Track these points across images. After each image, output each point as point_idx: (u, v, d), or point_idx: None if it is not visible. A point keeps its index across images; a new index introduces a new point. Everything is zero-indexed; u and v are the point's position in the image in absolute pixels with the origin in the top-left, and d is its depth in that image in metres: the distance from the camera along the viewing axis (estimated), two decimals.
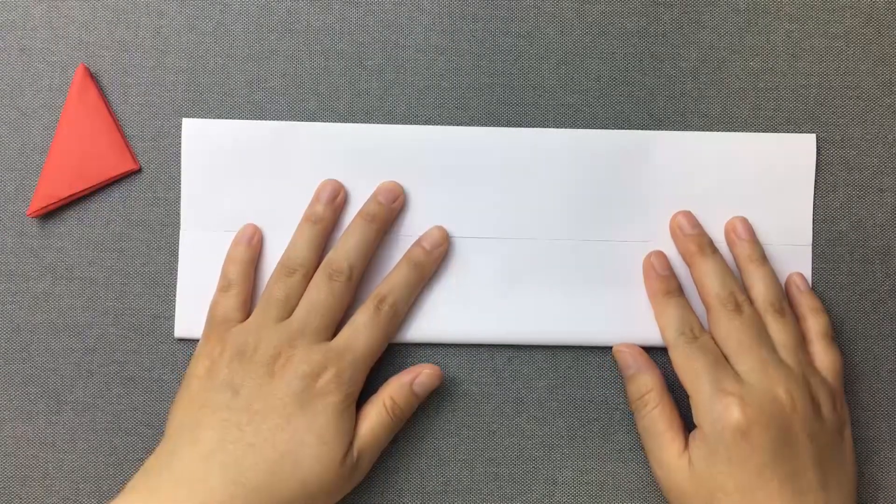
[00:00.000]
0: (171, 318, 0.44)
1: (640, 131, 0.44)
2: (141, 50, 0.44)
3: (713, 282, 0.41)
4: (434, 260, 0.43)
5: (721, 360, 0.40)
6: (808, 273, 0.44)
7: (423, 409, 0.43)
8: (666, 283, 0.42)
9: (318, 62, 0.44)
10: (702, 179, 0.44)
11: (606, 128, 0.44)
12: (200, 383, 0.40)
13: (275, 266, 0.42)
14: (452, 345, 0.44)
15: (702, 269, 0.42)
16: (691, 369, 0.40)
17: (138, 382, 0.44)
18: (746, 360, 0.40)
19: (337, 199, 0.43)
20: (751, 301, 0.42)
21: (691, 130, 0.44)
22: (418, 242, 0.43)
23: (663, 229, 0.44)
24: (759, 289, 0.42)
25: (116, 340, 0.44)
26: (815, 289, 0.44)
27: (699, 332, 0.41)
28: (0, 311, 0.44)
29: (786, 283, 0.43)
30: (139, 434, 0.43)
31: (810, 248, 0.44)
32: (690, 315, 0.42)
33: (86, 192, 0.43)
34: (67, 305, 0.44)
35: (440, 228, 0.43)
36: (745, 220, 0.43)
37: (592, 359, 0.44)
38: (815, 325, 0.42)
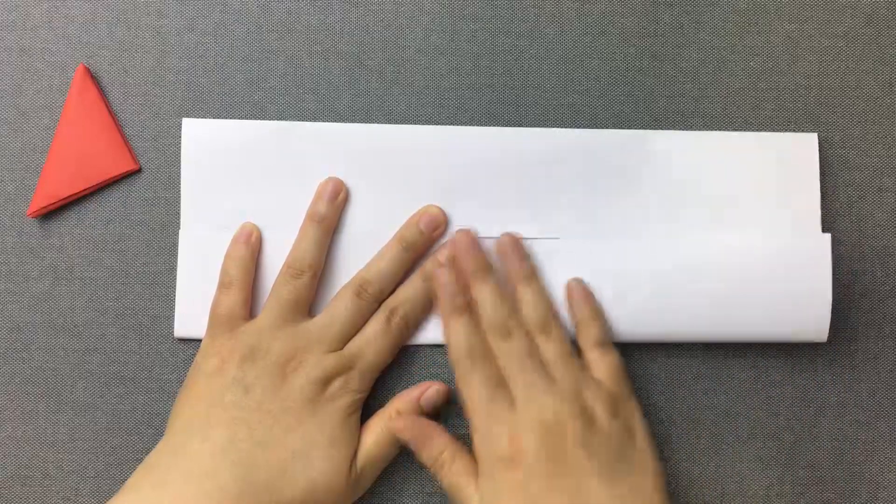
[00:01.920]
0: (171, 318, 0.44)
1: (640, 131, 0.44)
2: (141, 50, 0.44)
3: (485, 309, 0.41)
4: None
5: (496, 386, 0.40)
6: (827, 265, 0.42)
7: None
8: (451, 299, 0.41)
9: (318, 62, 0.44)
10: (702, 179, 0.44)
11: (606, 128, 0.44)
12: (209, 381, 0.40)
13: (277, 265, 0.42)
14: None
15: (477, 294, 0.41)
16: (469, 397, 0.40)
17: (138, 382, 0.44)
18: (515, 387, 0.40)
19: (339, 197, 0.43)
20: (522, 326, 0.41)
21: (691, 130, 0.44)
22: (434, 255, 0.43)
23: (663, 229, 0.43)
24: (526, 310, 0.41)
25: (116, 340, 0.44)
26: None
27: (479, 354, 0.40)
28: (0, 311, 0.44)
29: (566, 289, 0.43)
30: (139, 434, 0.43)
31: (829, 237, 0.42)
32: (474, 335, 0.41)
33: (86, 192, 0.43)
34: (67, 305, 0.44)
35: (459, 240, 0.43)
36: (512, 237, 0.42)
37: None
38: (589, 334, 0.42)
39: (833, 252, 0.44)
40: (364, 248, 0.43)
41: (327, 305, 0.42)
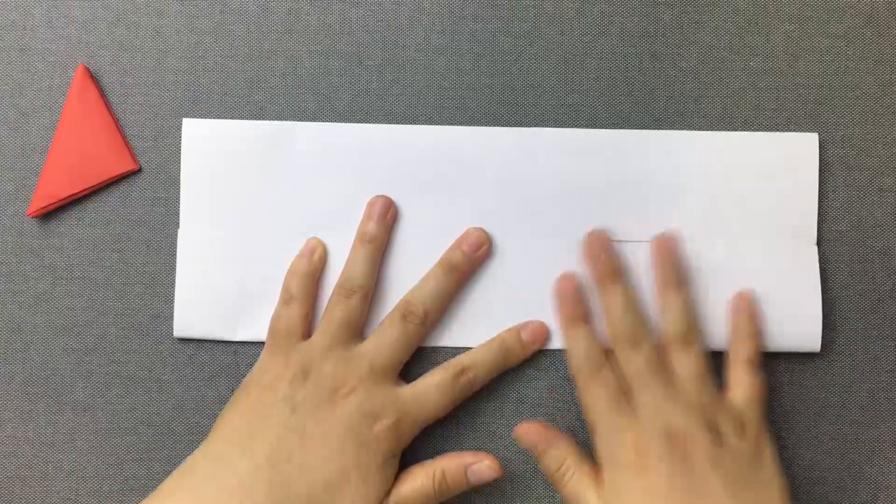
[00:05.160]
0: (171, 318, 0.44)
1: (640, 131, 0.44)
2: (141, 50, 0.44)
3: (615, 316, 0.41)
4: (524, 348, 0.42)
5: (618, 395, 0.40)
6: (815, 273, 0.43)
7: None
8: (571, 309, 0.42)
9: (318, 62, 0.44)
10: (702, 179, 0.44)
11: (606, 128, 0.44)
12: (259, 394, 0.40)
13: (275, 266, 0.43)
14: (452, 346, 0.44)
15: (607, 299, 0.42)
16: (590, 405, 0.40)
17: (138, 382, 0.44)
18: (642, 395, 0.40)
19: (388, 215, 0.43)
20: (651, 334, 0.41)
21: (691, 130, 0.44)
22: (514, 327, 0.42)
23: (663, 229, 0.43)
24: (669, 318, 0.41)
25: (116, 340, 0.44)
26: None
27: (600, 364, 0.41)
28: (0, 311, 0.44)
29: (734, 299, 0.43)
30: (139, 434, 0.44)
31: (815, 249, 0.43)
32: (593, 345, 0.41)
33: (86, 192, 0.43)
34: (67, 305, 0.44)
35: (543, 324, 0.43)
36: (669, 241, 0.42)
37: None
38: (742, 350, 0.42)
39: (833, 252, 0.44)
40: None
41: (375, 330, 0.42)
